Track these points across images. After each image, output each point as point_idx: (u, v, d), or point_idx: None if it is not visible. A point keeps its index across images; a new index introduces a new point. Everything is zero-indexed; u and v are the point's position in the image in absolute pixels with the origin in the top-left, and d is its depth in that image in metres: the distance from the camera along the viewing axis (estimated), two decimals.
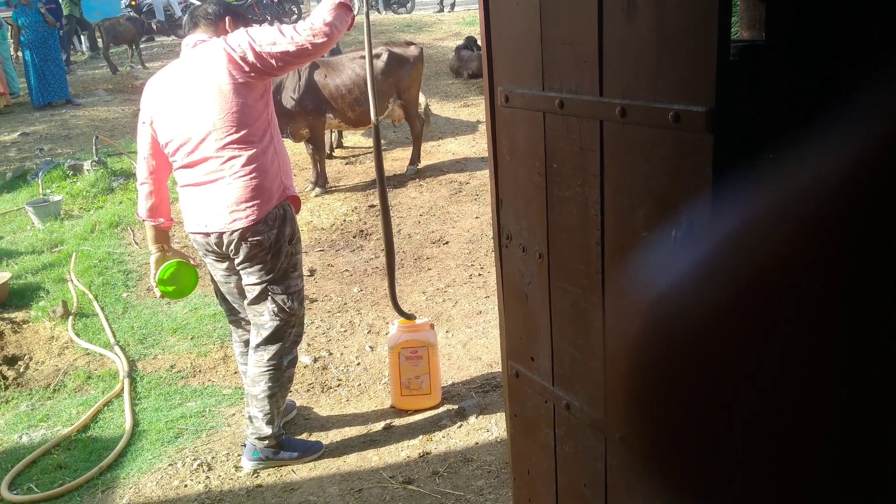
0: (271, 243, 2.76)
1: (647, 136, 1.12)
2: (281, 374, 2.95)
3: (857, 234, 0.43)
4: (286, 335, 2.93)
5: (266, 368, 2.93)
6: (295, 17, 16.83)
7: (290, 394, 3.22)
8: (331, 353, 4.06)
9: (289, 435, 3.17)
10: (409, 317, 3.42)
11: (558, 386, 1.51)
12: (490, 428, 3.23)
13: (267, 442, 3.03)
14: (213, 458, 3.16)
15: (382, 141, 6.57)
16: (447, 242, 5.43)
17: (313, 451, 3.15)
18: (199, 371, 3.94)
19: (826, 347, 0.46)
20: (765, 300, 0.52)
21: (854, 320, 0.44)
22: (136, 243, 5.75)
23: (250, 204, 2.69)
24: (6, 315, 4.62)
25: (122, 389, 3.72)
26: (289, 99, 6.49)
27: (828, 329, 0.45)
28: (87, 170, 7.16)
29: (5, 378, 3.98)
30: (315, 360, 3.94)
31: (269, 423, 2.99)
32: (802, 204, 0.49)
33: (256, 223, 2.71)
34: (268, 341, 2.92)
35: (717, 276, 0.60)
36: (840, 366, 0.45)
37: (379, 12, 16.43)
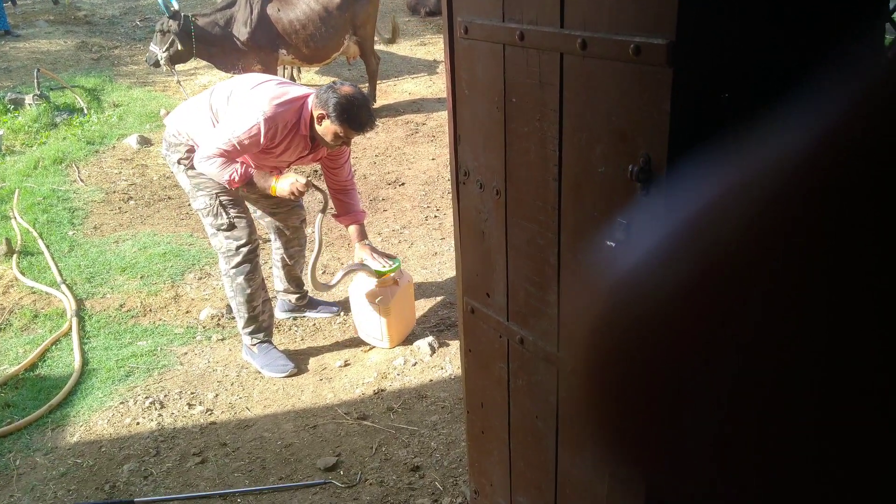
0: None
1: (608, 69, 1.11)
2: (231, 280, 3.24)
3: (831, 200, 0.42)
4: (219, 245, 3.21)
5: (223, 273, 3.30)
6: None
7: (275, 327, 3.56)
8: None
9: (269, 345, 3.37)
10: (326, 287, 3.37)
11: (513, 321, 1.53)
12: (444, 366, 3.27)
13: (247, 339, 3.37)
14: (165, 396, 3.15)
15: (337, 79, 6.43)
16: (403, 184, 5.40)
17: (279, 370, 3.29)
18: (150, 310, 3.89)
19: (801, 317, 0.44)
20: (734, 259, 0.49)
21: (830, 294, 0.43)
22: (82, 180, 5.58)
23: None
24: None
25: (71, 328, 3.66)
26: (240, 33, 6.30)
27: (802, 297, 0.44)
28: (29, 104, 6.88)
29: None
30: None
31: (238, 321, 3.33)
32: (765, 161, 0.46)
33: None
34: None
35: (674, 214, 0.58)
36: (814, 341, 0.44)
37: None
